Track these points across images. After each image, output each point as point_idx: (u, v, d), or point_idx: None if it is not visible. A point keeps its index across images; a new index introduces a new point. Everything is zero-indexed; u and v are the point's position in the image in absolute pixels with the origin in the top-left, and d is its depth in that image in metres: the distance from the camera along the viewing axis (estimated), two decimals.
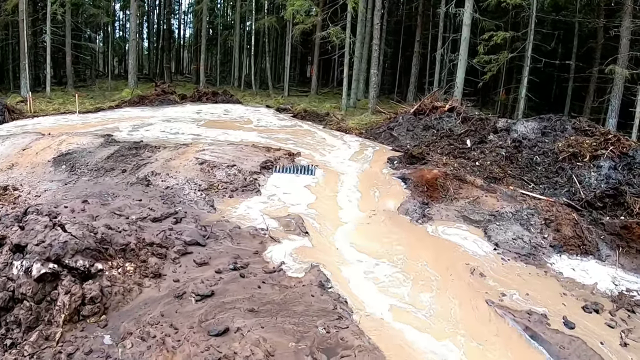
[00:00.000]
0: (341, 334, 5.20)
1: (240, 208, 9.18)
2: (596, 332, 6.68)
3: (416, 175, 11.68)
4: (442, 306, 6.86)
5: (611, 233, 8.93)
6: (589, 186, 10.50)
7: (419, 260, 8.18)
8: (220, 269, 6.42)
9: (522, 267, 8.42)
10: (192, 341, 4.80)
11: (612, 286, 7.82)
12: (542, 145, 12.83)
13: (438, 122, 16.97)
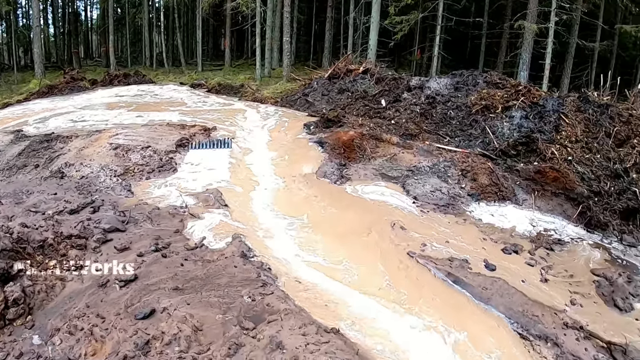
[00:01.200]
0: (267, 300, 5.71)
1: (158, 189, 9.74)
2: (517, 272, 7.61)
3: (333, 138, 12.24)
4: (365, 262, 7.51)
5: (526, 178, 9.98)
6: (503, 136, 11.61)
7: (340, 220, 8.87)
8: (142, 252, 6.85)
9: (441, 218, 9.16)
10: (120, 327, 5.15)
11: (530, 227, 8.82)
12: (456, 100, 13.87)
13: (352, 85, 17.84)
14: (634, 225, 9.12)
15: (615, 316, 6.92)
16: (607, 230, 8.90)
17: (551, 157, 10.42)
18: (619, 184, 9.74)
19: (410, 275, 7.27)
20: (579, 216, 9.20)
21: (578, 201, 9.38)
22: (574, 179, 9.72)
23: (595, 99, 12.05)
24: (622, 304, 7.10)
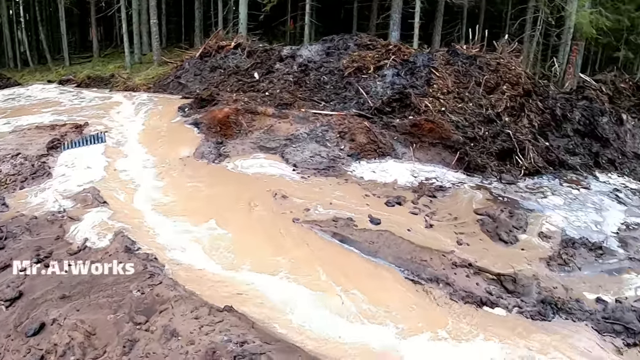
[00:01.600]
0: (156, 291, 5.72)
1: (35, 197, 9.15)
2: (402, 222, 7.75)
3: (208, 118, 12.03)
4: (251, 236, 7.36)
5: (403, 133, 10.20)
6: (377, 95, 11.83)
7: (222, 198, 8.66)
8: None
9: (323, 181, 9.13)
10: (12, 349, 4.98)
11: (412, 179, 9.03)
12: (328, 65, 13.93)
13: (224, 61, 17.57)
14: (511, 164, 9.68)
15: (501, 249, 7.31)
16: (486, 172, 9.35)
17: (425, 110, 10.75)
18: (493, 128, 10.25)
19: (298, 242, 7.19)
20: (457, 162, 9.56)
21: (455, 148, 9.75)
22: (449, 128, 10.09)
23: (464, 52, 12.63)
24: (506, 238, 7.46)
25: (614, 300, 7.00)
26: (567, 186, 9.94)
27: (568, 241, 7.85)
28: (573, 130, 11.86)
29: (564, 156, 10.88)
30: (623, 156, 12.34)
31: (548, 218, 8.38)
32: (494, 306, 6.24)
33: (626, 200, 10.38)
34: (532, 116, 11.24)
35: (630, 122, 13.85)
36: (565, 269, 7.28)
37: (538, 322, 6.23)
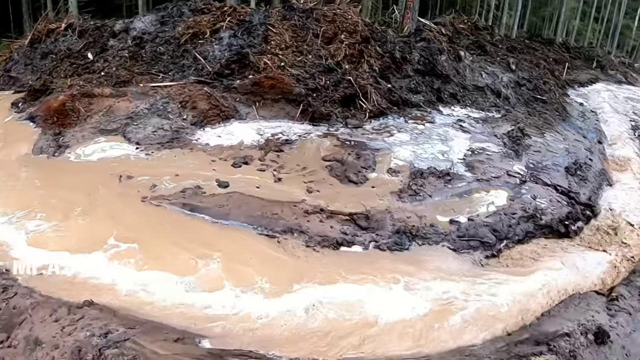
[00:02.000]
0: (12, 303, 5.28)
1: None
2: (250, 181, 7.51)
3: (43, 110, 10.82)
4: (98, 224, 6.74)
5: (245, 93, 9.95)
6: (215, 59, 11.41)
7: (66, 192, 7.73)
8: None
9: (168, 154, 8.73)
10: None
11: (258, 137, 8.79)
12: (164, 35, 13.16)
13: (55, 46, 15.87)
14: (355, 109, 9.74)
15: (352, 190, 7.38)
16: (332, 120, 9.34)
17: (265, 67, 10.49)
18: (334, 76, 10.25)
19: (148, 221, 6.73)
20: (302, 114, 9.47)
21: (298, 101, 9.66)
22: (290, 81, 9.94)
23: (300, 6, 12.40)
24: (356, 179, 7.48)
25: (466, 219, 7.39)
26: (412, 123, 10.24)
27: (417, 173, 8.08)
28: (414, 70, 12.23)
29: (407, 95, 11.19)
30: (464, 89, 12.96)
31: (396, 154, 8.60)
32: (351, 245, 6.35)
33: (470, 128, 10.89)
34: (372, 61, 11.39)
35: (468, 58, 14.59)
36: (416, 198, 7.49)
37: (396, 252, 6.45)
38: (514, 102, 14.33)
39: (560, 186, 9.56)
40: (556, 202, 8.82)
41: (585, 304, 6.41)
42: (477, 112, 12.54)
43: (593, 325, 5.81)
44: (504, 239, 7.41)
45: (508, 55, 18.89)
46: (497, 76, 15.02)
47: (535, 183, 9.32)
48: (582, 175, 10.65)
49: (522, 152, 10.62)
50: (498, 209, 7.92)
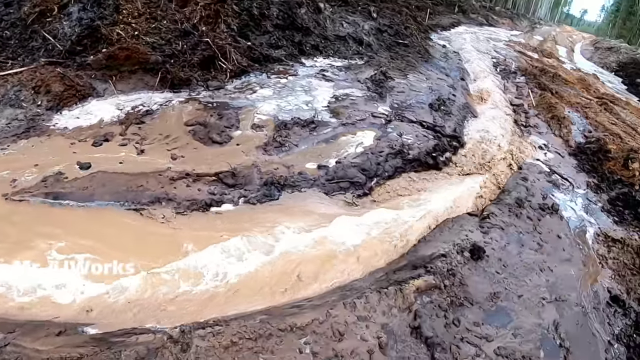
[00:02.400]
0: None
1: None
2: (112, 157, 7.20)
3: None
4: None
5: (100, 68, 9.47)
6: (65, 36, 10.64)
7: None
8: None
9: (25, 145, 8.00)
10: None
11: (118, 112, 8.48)
12: (9, 18, 12.05)
13: None
14: (216, 71, 9.60)
15: (217, 151, 7.39)
16: (192, 84, 9.18)
17: (118, 39, 9.98)
18: (191, 40, 10.02)
19: (12, 219, 6.15)
20: (161, 82, 9.19)
21: (156, 69, 9.33)
22: (146, 50, 9.56)
23: None
24: (219, 139, 7.45)
25: (334, 163, 7.54)
26: (275, 78, 10.31)
27: (281, 125, 8.19)
28: (273, 25, 12.23)
29: (268, 51, 11.20)
30: (326, 40, 13.15)
31: (259, 110, 8.66)
32: (220, 204, 6.34)
33: (333, 77, 11.13)
34: (230, 20, 11.21)
35: (328, 9, 14.76)
36: (282, 149, 7.62)
37: (267, 204, 6.54)
38: (377, 48, 14.78)
39: (426, 122, 10.09)
40: (422, 137, 9.33)
41: (459, 226, 6.86)
42: (340, 61, 12.82)
43: (468, 244, 6.21)
44: (374, 177, 7.76)
45: (369, 4, 19.31)
46: (359, 25, 15.38)
47: (401, 121, 9.77)
48: (446, 110, 11.29)
49: (385, 94, 11.03)
50: (365, 150, 8.23)
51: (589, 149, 11.51)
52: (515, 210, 7.58)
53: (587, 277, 6.67)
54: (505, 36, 38.02)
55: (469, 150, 10.00)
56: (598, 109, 16.79)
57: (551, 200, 8.25)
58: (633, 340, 5.74)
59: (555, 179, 9.56)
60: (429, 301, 5.01)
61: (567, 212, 8.42)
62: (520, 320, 5.25)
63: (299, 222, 6.21)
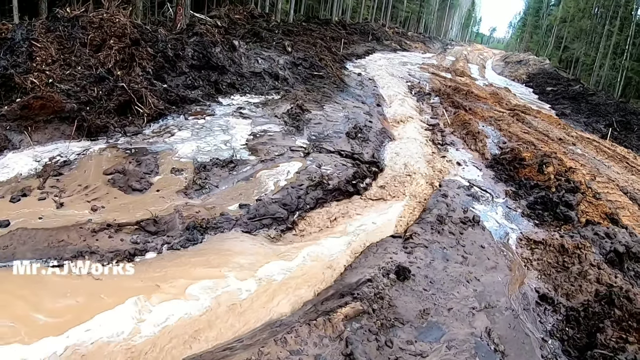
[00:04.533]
0: None
1: None
2: (32, 213, 6.91)
3: None
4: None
5: (15, 119, 9.14)
6: None
7: None
8: None
9: None
10: None
11: (36, 164, 8.21)
12: None
13: None
14: (132, 115, 9.56)
15: (138, 198, 7.35)
16: (110, 131, 9.11)
17: (32, 87, 9.72)
18: (107, 85, 9.98)
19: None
20: (78, 131, 9.04)
21: (72, 117, 9.15)
22: (61, 98, 9.39)
23: (65, 15, 11.69)
24: (139, 186, 7.46)
25: (255, 200, 7.66)
26: (192, 119, 10.41)
27: (200, 167, 8.29)
28: (189, 66, 12.33)
29: (184, 92, 11.30)
30: (242, 77, 13.39)
31: (178, 153, 8.71)
32: (144, 253, 6.25)
33: (250, 114, 11.35)
34: (145, 63, 11.25)
35: (243, 46, 15.03)
36: (203, 192, 7.71)
37: (190, 248, 6.52)
38: (293, 82, 15.15)
39: (344, 151, 10.45)
40: (341, 166, 9.65)
41: (383, 250, 6.92)
42: (257, 97, 13.06)
43: (393, 266, 6.24)
44: (296, 211, 7.93)
45: (284, 39, 19.74)
46: (274, 60, 15.72)
47: (319, 152, 10.08)
48: (364, 137, 11.71)
49: (303, 127, 11.35)
50: (285, 184, 8.40)
51: (504, 159, 12.18)
52: (437, 227, 7.73)
53: (514, 281, 6.83)
54: (419, 59, 39.71)
55: (388, 174, 10.40)
56: (511, 120, 17.89)
57: (472, 213, 8.52)
58: (566, 333, 5.88)
59: (474, 191, 10.04)
60: (358, 327, 4.97)
61: (489, 222, 8.78)
62: (453, 332, 5.31)
63: (222, 264, 6.17)
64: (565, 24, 62.63)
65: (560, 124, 20.42)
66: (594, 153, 15.60)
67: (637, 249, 7.96)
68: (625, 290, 6.12)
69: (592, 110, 28.39)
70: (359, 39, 37.89)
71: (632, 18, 42.63)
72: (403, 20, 74.71)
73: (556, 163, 11.39)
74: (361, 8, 51.92)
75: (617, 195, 11.02)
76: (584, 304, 6.25)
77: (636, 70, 38.76)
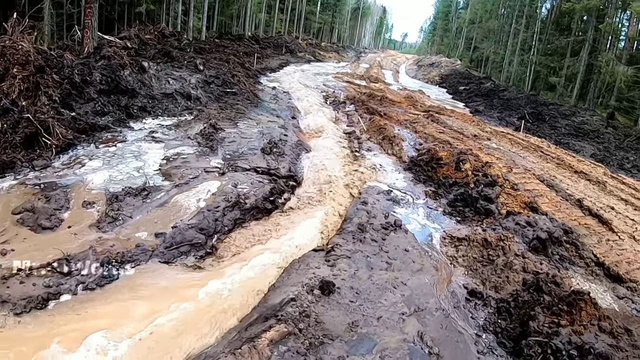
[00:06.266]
0: None
1: None
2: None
3: None
4: None
5: None
6: None
7: None
8: None
9: None
10: None
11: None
12: None
13: None
14: (40, 148, 9.17)
15: (48, 237, 6.92)
16: (17, 167, 8.62)
17: None
18: (11, 117, 9.48)
19: None
20: None
21: None
22: None
23: None
24: (50, 224, 7.18)
25: (171, 228, 7.45)
26: (103, 147, 10.11)
27: (112, 197, 8.03)
28: (97, 91, 11.98)
29: (93, 119, 10.96)
30: (153, 100, 13.15)
31: (89, 184, 8.38)
32: (59, 296, 5.84)
33: (163, 137, 11.16)
34: (51, 91, 10.78)
35: (153, 67, 14.73)
36: (116, 223, 7.47)
37: (107, 286, 6.19)
38: (205, 101, 15.03)
39: (260, 167, 10.47)
40: (258, 183, 9.58)
41: (305, 265, 6.82)
42: (169, 119, 12.86)
43: (317, 281, 6.09)
44: (214, 234, 7.74)
45: (196, 57, 19.52)
46: (186, 79, 15.52)
47: (235, 171, 10.03)
48: (279, 152, 11.77)
49: (217, 147, 11.29)
50: (201, 208, 8.20)
51: (422, 161, 12.57)
52: (359, 236, 7.73)
53: (442, 281, 6.86)
54: (333, 69, 40.34)
55: (306, 186, 10.50)
56: (426, 121, 18.57)
57: (393, 218, 8.63)
58: (499, 325, 5.93)
59: (394, 195, 10.27)
60: (285, 350, 4.76)
61: (411, 224, 8.97)
62: (385, 342, 5.21)
63: (141, 301, 5.87)
64: (474, 26, 66.02)
65: (474, 120, 21.47)
66: (509, 146, 16.54)
67: (558, 234, 8.46)
68: (552, 276, 6.37)
69: (504, 105, 30.12)
70: (273, 53, 38.09)
71: (537, 16, 45.38)
72: (316, 31, 75.71)
73: (472, 159, 11.90)
74: (274, 22, 52.15)
75: (535, 184, 11.75)
76: (513, 294, 6.38)
77: (544, 64, 41.24)
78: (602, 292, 7.49)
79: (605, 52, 32.97)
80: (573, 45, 36.79)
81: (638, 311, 7.08)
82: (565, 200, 11.06)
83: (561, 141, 20.50)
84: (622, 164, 18.17)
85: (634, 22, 32.52)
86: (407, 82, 44.05)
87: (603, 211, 10.62)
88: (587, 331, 5.24)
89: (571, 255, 8.28)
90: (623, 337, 5.06)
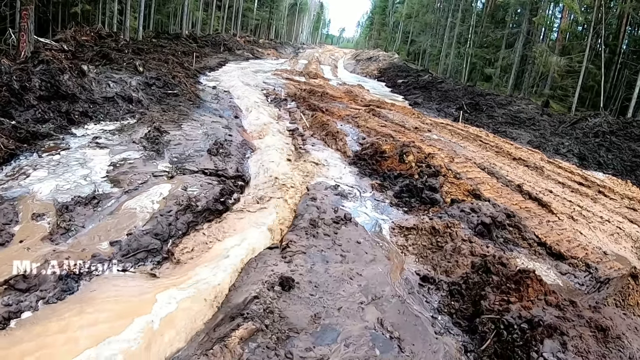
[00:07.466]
0: None
1: None
2: None
3: None
4: None
5: None
6: None
7: None
8: None
9: None
10: None
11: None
12: None
13: None
14: None
15: (1, 254, 6.55)
16: None
17: None
18: None
19: None
20: None
21: None
22: None
23: None
24: (0, 240, 6.83)
25: (126, 235, 7.34)
26: (47, 156, 9.79)
27: (62, 208, 7.79)
28: (37, 98, 11.57)
29: (35, 127, 10.58)
30: (94, 104, 12.85)
31: (37, 195, 8.10)
32: (20, 314, 5.53)
33: (107, 143, 10.94)
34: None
35: (92, 71, 14.36)
36: (69, 235, 7.26)
37: (68, 297, 6.00)
38: (147, 104, 14.79)
39: (208, 169, 10.43)
40: (207, 185, 9.53)
41: (262, 263, 6.85)
42: (112, 123, 12.58)
43: (276, 278, 6.14)
44: (169, 239, 7.64)
45: (134, 58, 19.09)
46: (126, 82, 15.20)
47: (183, 174, 9.94)
48: (225, 152, 11.76)
49: (163, 150, 11.16)
50: (154, 213, 8.11)
51: (366, 155, 12.85)
52: (311, 231, 7.80)
53: (395, 269, 7.02)
54: (272, 66, 40.21)
55: (255, 185, 10.51)
56: (367, 116, 18.88)
57: (343, 212, 8.74)
58: (452, 307, 6.19)
59: (342, 190, 10.46)
60: (256, 346, 4.84)
61: (360, 217, 9.17)
62: (348, 330, 5.35)
63: (99, 312, 5.65)
64: (411, 20, 67.53)
65: (414, 113, 22.02)
66: (449, 136, 17.13)
67: (501, 218, 8.97)
68: (498, 257, 6.66)
69: (443, 97, 31.00)
70: (211, 51, 37.60)
71: (473, 9, 46.96)
72: (254, 28, 75.16)
73: (415, 151, 12.33)
74: (211, 20, 51.36)
75: (476, 172, 12.30)
76: (463, 277, 6.68)
77: (480, 56, 42.80)
78: (546, 269, 8.03)
79: (539, 43, 34.68)
80: (508, 37, 38.51)
81: (580, 285, 7.68)
82: (506, 186, 11.73)
83: (499, 130, 21.45)
84: (557, 149, 19.18)
85: (565, 15, 34.44)
86: (346, 76, 44.51)
87: (542, 195, 11.36)
88: (535, 306, 5.52)
89: (515, 238, 8.84)
90: (569, 308, 5.35)
